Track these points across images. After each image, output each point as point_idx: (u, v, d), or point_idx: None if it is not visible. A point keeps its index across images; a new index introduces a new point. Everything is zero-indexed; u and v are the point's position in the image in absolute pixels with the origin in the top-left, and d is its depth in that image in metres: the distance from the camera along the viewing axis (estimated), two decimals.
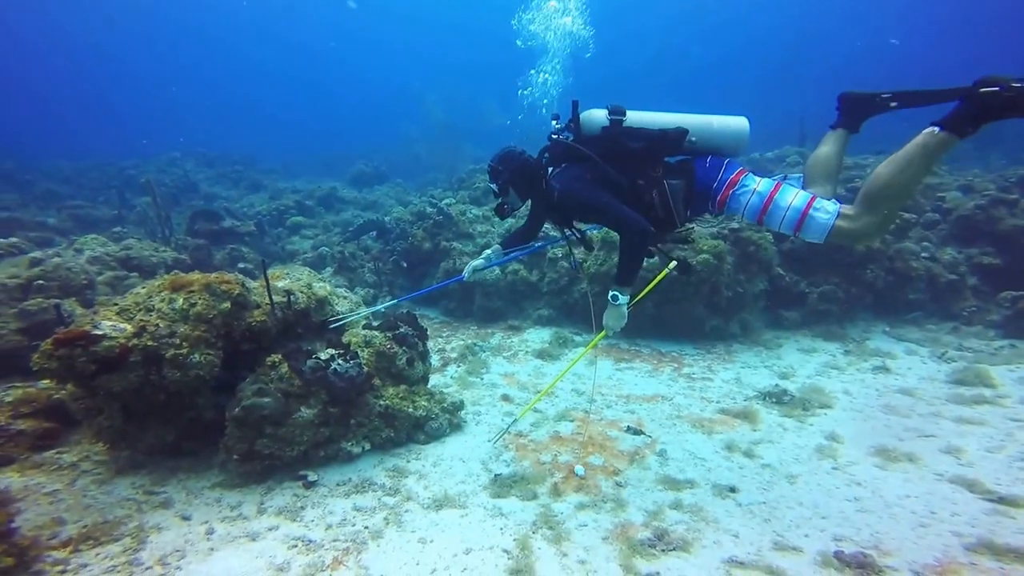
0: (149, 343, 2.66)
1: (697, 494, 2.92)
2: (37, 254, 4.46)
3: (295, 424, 2.95)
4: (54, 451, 3.17)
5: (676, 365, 5.19)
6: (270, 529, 2.52)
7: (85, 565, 2.21)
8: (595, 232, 5.52)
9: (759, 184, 2.58)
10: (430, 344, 4.06)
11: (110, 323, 2.64)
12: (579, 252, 5.78)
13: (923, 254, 6.58)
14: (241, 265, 7.14)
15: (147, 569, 2.20)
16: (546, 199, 2.89)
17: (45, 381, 3.27)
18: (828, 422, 3.85)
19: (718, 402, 4.27)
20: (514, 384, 4.66)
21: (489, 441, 3.26)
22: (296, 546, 2.39)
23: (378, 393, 3.37)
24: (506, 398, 4.30)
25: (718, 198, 2.64)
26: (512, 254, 3.37)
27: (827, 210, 2.43)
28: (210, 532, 2.48)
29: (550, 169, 2.87)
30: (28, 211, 10.27)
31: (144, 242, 6.08)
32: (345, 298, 3.85)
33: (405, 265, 7.51)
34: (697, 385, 4.67)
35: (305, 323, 3.46)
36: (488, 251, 3.31)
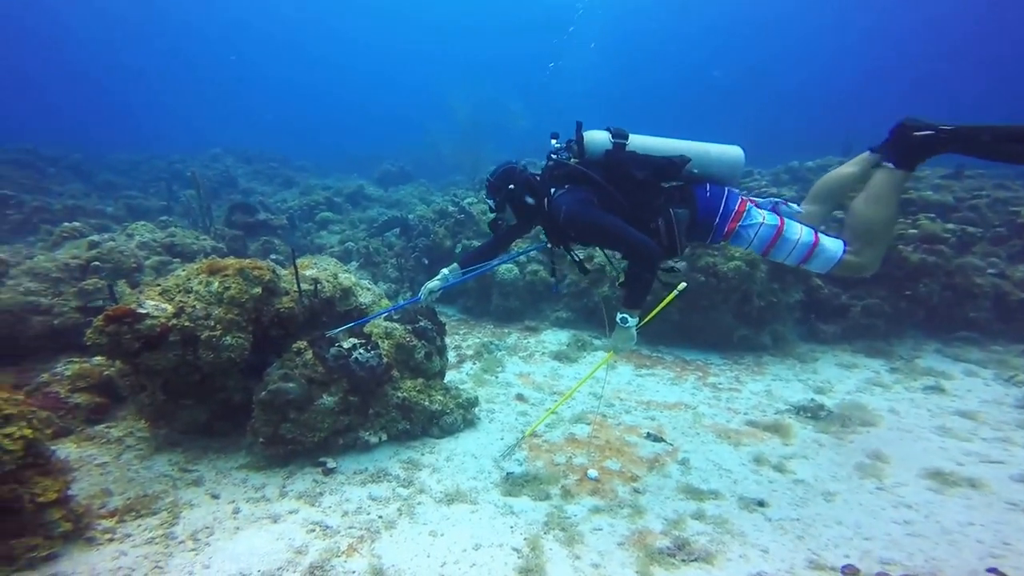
0: (187, 324, 2.83)
1: (722, 506, 2.83)
2: (95, 238, 4.80)
3: (317, 410, 3.07)
4: (104, 425, 3.38)
5: (701, 374, 5.08)
6: (290, 512, 2.62)
7: (128, 535, 2.36)
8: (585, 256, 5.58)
9: (764, 217, 2.67)
10: (447, 340, 4.14)
11: (153, 303, 2.82)
12: (561, 274, 6.04)
13: (990, 270, 6.18)
14: (273, 256, 7.43)
15: (180, 543, 2.33)
16: (548, 220, 2.87)
17: (98, 358, 3.51)
18: (871, 440, 3.67)
19: (746, 414, 4.14)
20: (529, 384, 4.68)
21: (498, 459, 3.28)
22: (314, 530, 2.48)
23: (396, 385, 3.46)
24: (520, 397, 4.33)
25: (724, 229, 2.68)
26: (470, 273, 3.27)
27: (833, 246, 2.61)
28: (236, 511, 2.60)
29: (552, 189, 2.82)
30: (90, 200, 10.95)
31: (187, 231, 6.42)
32: (368, 290, 3.98)
33: (426, 262, 7.67)
34: (723, 395, 4.55)
35: (330, 312, 3.61)
36: (445, 271, 3.25)
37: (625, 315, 2.58)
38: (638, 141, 2.78)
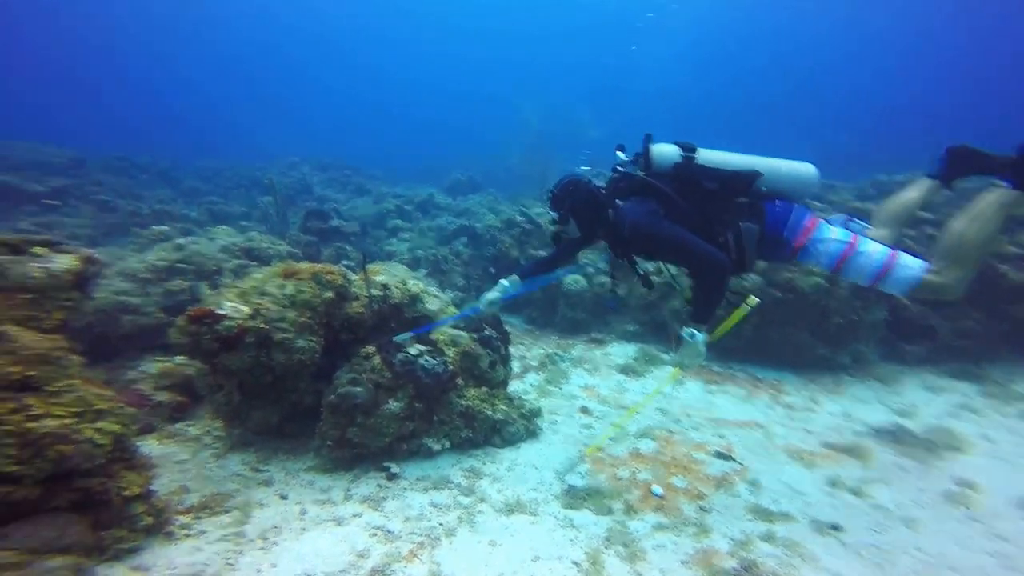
0: (262, 325, 2.89)
1: (793, 528, 2.73)
2: (180, 241, 5.11)
3: (383, 415, 3.06)
4: (184, 423, 3.54)
5: (774, 392, 4.84)
6: (354, 516, 2.63)
7: (204, 532, 2.42)
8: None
9: (836, 233, 2.56)
10: (511, 350, 4.10)
11: (232, 304, 2.91)
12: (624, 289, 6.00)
13: None
14: (344, 262, 7.66)
15: (250, 542, 2.37)
16: (612, 232, 2.81)
17: (180, 357, 3.68)
18: (961, 468, 3.42)
19: (822, 435, 3.94)
20: (594, 397, 4.54)
21: (559, 471, 3.19)
22: (376, 535, 2.48)
23: (460, 393, 3.41)
24: (585, 410, 4.21)
25: (793, 245, 2.58)
26: (529, 285, 3.26)
27: (912, 264, 2.45)
28: (303, 513, 2.63)
29: (618, 202, 2.79)
30: (176, 205, 11.84)
31: (264, 236, 6.74)
32: (436, 297, 3.96)
33: (493, 271, 7.66)
34: (798, 415, 4.33)
35: (398, 317, 3.61)
36: (505, 282, 3.20)
37: (692, 330, 2.51)
38: (707, 155, 2.73)
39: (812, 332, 5.38)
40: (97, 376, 2.40)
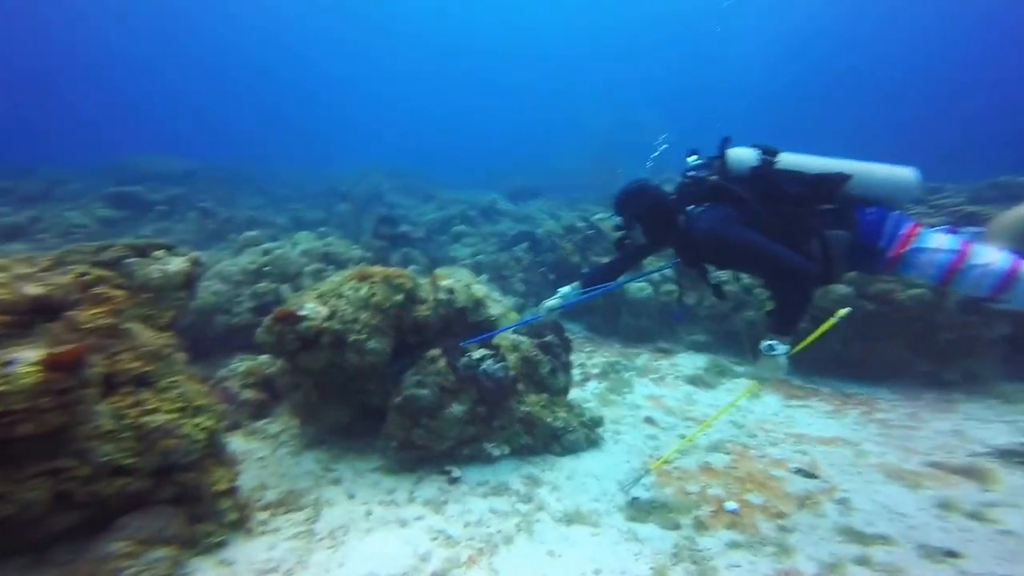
0: (338, 326, 3.06)
1: (894, 552, 2.47)
2: (268, 245, 5.55)
3: (446, 419, 3.13)
4: (264, 421, 3.77)
5: (866, 408, 4.46)
6: (417, 518, 2.68)
7: (278, 528, 2.56)
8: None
9: (943, 240, 2.29)
10: (571, 358, 4.05)
11: (312, 305, 3.10)
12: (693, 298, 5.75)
13: None
14: (412, 267, 7.96)
15: (320, 539, 2.48)
16: (682, 239, 2.69)
17: (263, 356, 3.95)
18: None
19: (928, 454, 3.57)
20: (660, 407, 4.39)
21: (623, 482, 3.10)
22: (437, 538, 2.51)
23: (521, 399, 3.42)
24: (650, 420, 4.08)
25: (888, 255, 2.35)
26: (591, 292, 3.17)
27: None
28: (369, 513, 2.72)
29: (688, 208, 2.66)
30: (266, 212, 12.83)
31: (340, 240, 7.15)
32: (498, 302, 4.01)
33: (552, 277, 7.63)
34: (896, 433, 3.96)
35: (462, 321, 3.68)
36: (566, 288, 3.13)
37: (772, 342, 2.33)
38: (790, 159, 2.55)
39: (912, 347, 4.95)
40: (195, 373, 2.62)
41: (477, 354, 3.30)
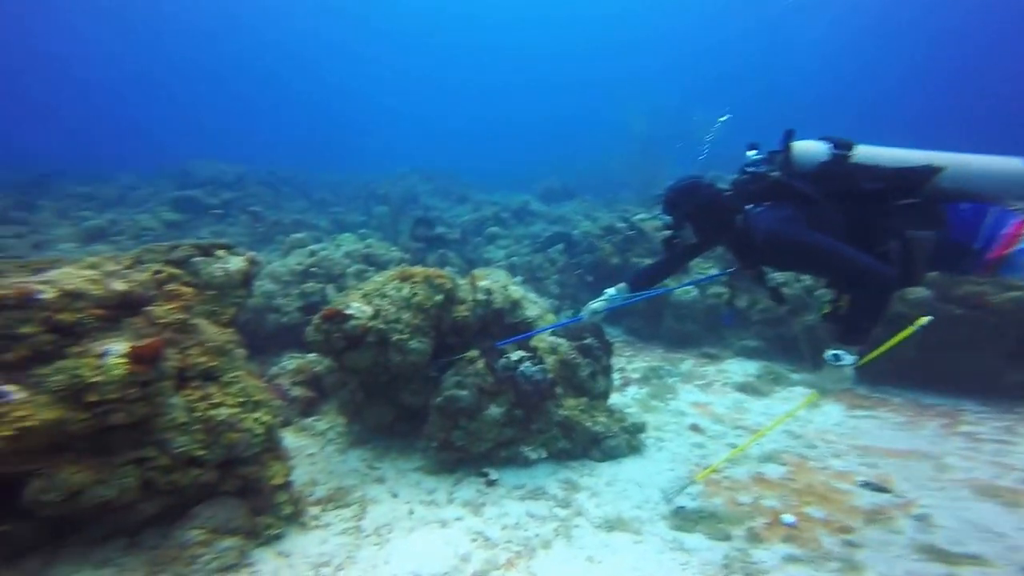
0: (382, 326, 3.13)
1: (989, 573, 2.30)
2: (313, 247, 5.75)
3: (484, 420, 3.15)
4: (313, 418, 3.89)
5: (947, 420, 4.16)
6: (456, 519, 2.71)
7: (329, 524, 2.64)
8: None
9: None
10: (611, 362, 3.99)
11: (357, 304, 3.18)
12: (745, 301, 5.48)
13: None
14: (448, 268, 8.06)
15: (366, 536, 2.55)
16: (740, 240, 2.55)
17: (311, 355, 4.08)
18: None
19: None
20: (707, 415, 4.26)
21: (667, 490, 3.02)
22: (476, 540, 2.54)
23: (559, 402, 3.40)
24: (696, 428, 3.97)
25: (988, 256, 2.15)
26: (639, 295, 3.05)
27: None
28: (411, 512, 2.78)
29: (747, 207, 2.52)
30: (309, 215, 13.28)
31: (380, 242, 7.33)
32: (535, 303, 4.02)
33: (590, 280, 7.56)
34: (985, 447, 3.68)
35: (499, 322, 3.70)
36: (612, 290, 3.02)
37: (838, 352, 2.18)
38: (867, 152, 2.34)
39: (1007, 356, 4.51)
40: (254, 369, 2.74)
41: (515, 356, 3.31)
